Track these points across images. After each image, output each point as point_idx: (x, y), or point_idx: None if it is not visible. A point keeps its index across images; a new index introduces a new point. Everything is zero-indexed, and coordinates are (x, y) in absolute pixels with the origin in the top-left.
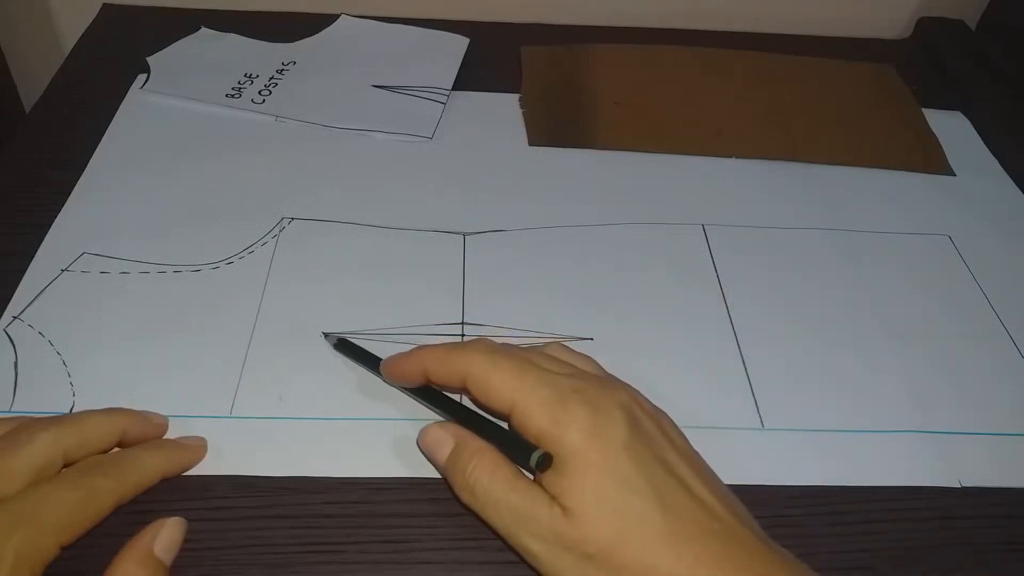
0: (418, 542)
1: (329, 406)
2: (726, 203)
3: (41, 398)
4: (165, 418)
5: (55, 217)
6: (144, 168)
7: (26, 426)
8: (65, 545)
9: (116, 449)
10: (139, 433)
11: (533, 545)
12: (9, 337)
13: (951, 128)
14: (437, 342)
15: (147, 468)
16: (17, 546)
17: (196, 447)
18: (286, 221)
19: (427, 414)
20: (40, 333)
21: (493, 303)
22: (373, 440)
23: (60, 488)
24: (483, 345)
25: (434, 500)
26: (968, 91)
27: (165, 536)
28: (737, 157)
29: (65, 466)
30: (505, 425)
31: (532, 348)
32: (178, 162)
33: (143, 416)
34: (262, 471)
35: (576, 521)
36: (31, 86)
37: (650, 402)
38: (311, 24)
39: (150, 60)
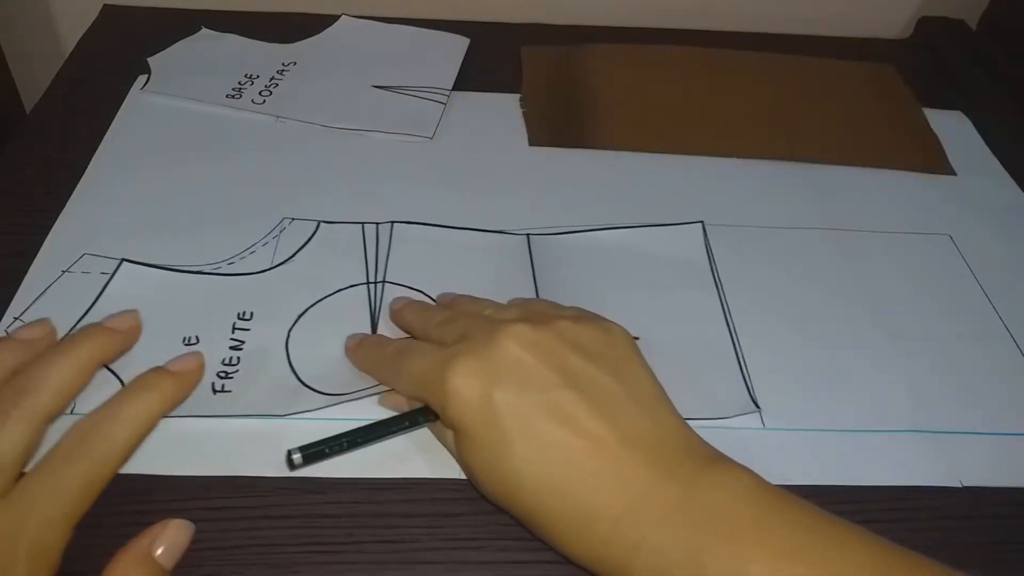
0: (418, 542)
1: (330, 407)
2: (726, 203)
3: None
4: (132, 313)
5: (56, 218)
6: (145, 169)
7: None
8: (76, 524)
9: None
10: (118, 350)
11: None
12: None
13: (951, 128)
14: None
15: (141, 419)
16: (28, 545)
17: (191, 370)
18: (287, 221)
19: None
20: None
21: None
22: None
23: (57, 469)
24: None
25: (434, 500)
26: (968, 91)
27: (166, 538)
28: (737, 157)
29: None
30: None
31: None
32: (179, 163)
33: (109, 332)
34: (262, 471)
35: (475, 480)
36: (31, 86)
37: (575, 320)
38: (311, 24)
39: (151, 61)
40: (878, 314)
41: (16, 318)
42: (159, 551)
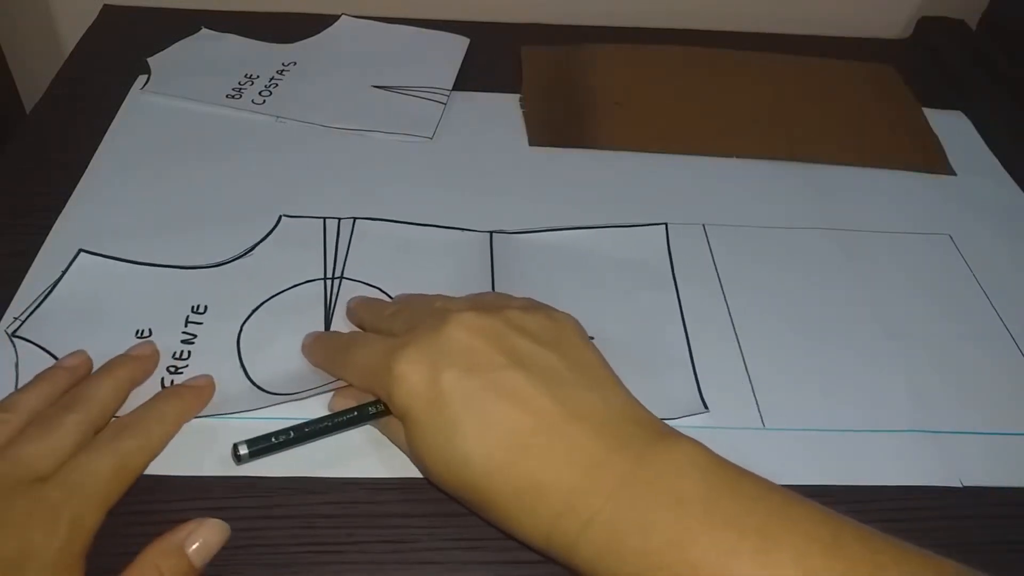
0: (418, 542)
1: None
2: (726, 203)
3: None
4: (150, 344)
5: (56, 218)
6: (144, 169)
7: (52, 413)
8: (109, 509)
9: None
10: (143, 375)
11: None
12: (10, 338)
13: (951, 128)
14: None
15: (168, 420)
16: (70, 518)
17: (205, 386)
18: (286, 221)
19: None
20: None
21: None
22: (373, 440)
23: (96, 458)
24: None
25: (434, 500)
26: (968, 91)
27: (201, 535)
28: (737, 157)
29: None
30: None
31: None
32: (179, 162)
33: (136, 359)
34: (262, 471)
35: (425, 469)
36: (31, 86)
37: (523, 309)
38: (311, 24)
39: (151, 61)
40: (878, 314)
41: (16, 318)
42: (192, 547)
